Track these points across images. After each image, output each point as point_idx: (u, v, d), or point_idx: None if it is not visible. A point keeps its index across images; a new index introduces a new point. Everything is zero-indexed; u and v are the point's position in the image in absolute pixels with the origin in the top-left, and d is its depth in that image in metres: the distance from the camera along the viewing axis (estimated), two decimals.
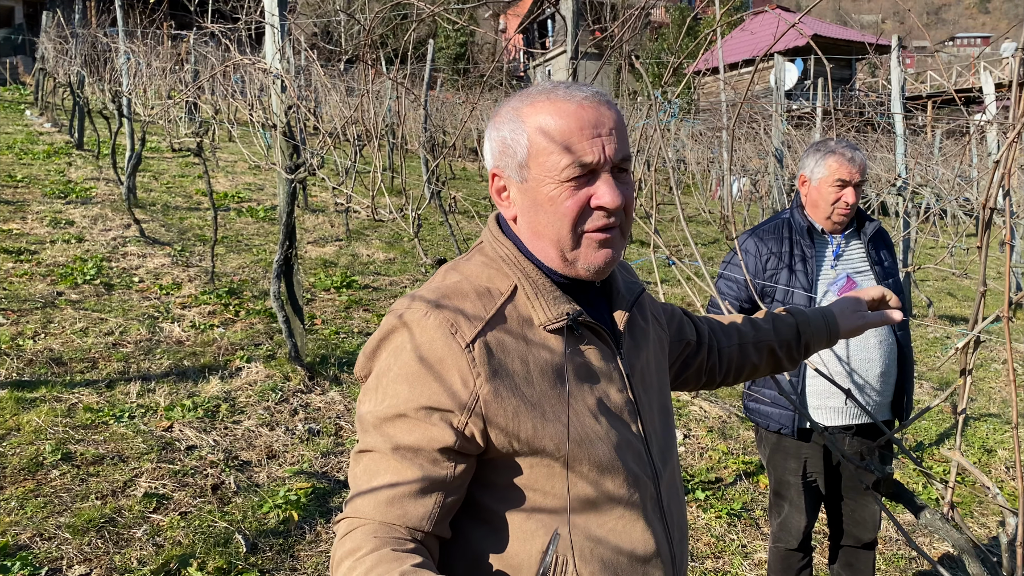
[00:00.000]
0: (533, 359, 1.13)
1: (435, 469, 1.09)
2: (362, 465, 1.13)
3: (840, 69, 30.71)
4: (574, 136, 1.11)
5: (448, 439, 1.08)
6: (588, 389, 1.17)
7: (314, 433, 4.28)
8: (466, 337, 1.09)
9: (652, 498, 1.21)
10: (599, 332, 1.21)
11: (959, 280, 11.25)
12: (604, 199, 1.13)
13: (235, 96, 8.22)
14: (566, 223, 1.14)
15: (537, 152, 1.13)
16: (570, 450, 1.11)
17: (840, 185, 2.61)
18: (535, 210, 1.16)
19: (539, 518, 1.13)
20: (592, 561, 1.14)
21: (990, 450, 4.92)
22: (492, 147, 1.21)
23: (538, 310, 1.16)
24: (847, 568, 2.91)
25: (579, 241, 1.15)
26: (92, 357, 4.82)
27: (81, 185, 9.43)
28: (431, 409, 1.08)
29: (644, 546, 1.18)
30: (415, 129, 13.91)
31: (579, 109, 1.12)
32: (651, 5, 32.94)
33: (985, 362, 6.93)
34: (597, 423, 1.15)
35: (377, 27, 4.53)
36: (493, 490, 1.15)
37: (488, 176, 1.25)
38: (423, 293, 1.16)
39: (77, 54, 10.95)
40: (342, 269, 7.59)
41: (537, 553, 1.12)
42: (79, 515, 3.25)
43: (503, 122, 1.19)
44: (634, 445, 1.20)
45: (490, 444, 1.10)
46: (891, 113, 8.27)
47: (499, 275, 1.19)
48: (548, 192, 1.13)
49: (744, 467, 4.41)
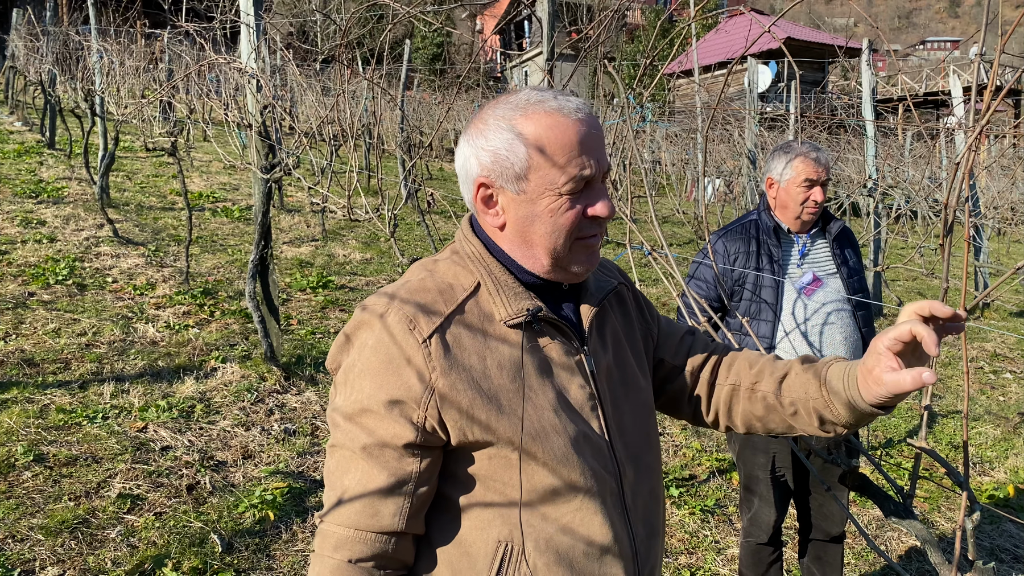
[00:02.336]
0: (491, 354, 1.16)
1: (401, 465, 1.14)
2: (334, 460, 1.19)
3: (813, 72, 31.06)
4: (574, 151, 1.15)
5: (409, 435, 1.12)
6: (547, 384, 1.19)
7: (290, 433, 4.27)
8: (423, 332, 1.13)
9: (613, 493, 1.23)
10: (561, 328, 1.23)
11: (928, 280, 11.43)
12: (600, 211, 1.19)
13: (210, 95, 8.17)
14: (563, 234, 1.18)
15: (538, 166, 1.16)
16: (525, 443, 1.14)
17: (808, 185, 2.67)
18: (531, 221, 1.19)
19: (496, 508, 1.17)
20: (547, 552, 1.17)
21: (957, 446, 5.02)
22: (479, 156, 1.20)
23: (499, 306, 1.19)
24: (816, 561, 2.97)
25: (572, 248, 1.20)
26: (65, 358, 4.78)
27: (53, 185, 9.32)
28: (392, 403, 1.12)
29: (601, 539, 1.20)
30: (392, 129, 13.90)
31: (577, 124, 1.16)
32: (625, 7, 33.09)
33: (953, 360, 7.06)
34: (555, 417, 1.17)
35: (353, 27, 4.54)
36: (453, 480, 1.19)
37: (469, 185, 1.25)
38: (390, 289, 1.21)
39: (48, 52, 10.81)
40: (318, 269, 7.58)
41: (493, 542, 1.16)
42: (52, 516, 3.23)
43: (492, 131, 1.19)
44: (594, 440, 1.22)
45: (449, 437, 1.14)
46: (862, 116, 8.40)
47: (464, 272, 1.23)
48: (548, 204, 1.17)
49: (717, 464, 4.46)
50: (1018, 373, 7.00)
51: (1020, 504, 4.39)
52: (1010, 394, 6.43)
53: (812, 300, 2.69)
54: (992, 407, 6.06)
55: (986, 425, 5.56)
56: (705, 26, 34.14)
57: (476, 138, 1.21)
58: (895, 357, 1.12)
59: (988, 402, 6.18)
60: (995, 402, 6.20)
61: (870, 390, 1.18)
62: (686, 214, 14.13)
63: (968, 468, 1.40)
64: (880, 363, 1.14)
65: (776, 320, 2.68)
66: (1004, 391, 6.51)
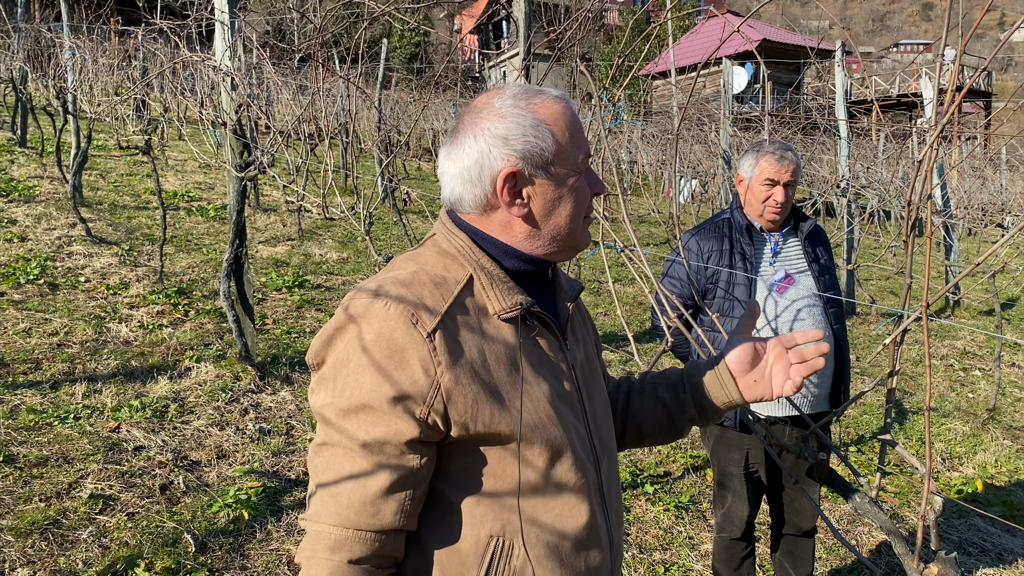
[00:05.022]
0: (489, 347, 1.16)
1: (402, 462, 1.11)
2: (323, 459, 1.14)
3: (788, 73, 31.33)
4: (579, 133, 1.24)
5: (413, 431, 1.10)
6: (541, 376, 1.21)
7: (265, 433, 4.25)
8: (427, 327, 1.11)
9: (594, 483, 1.26)
10: (547, 323, 1.25)
11: (899, 279, 11.59)
12: (600, 187, 1.28)
13: (185, 94, 8.10)
14: (582, 210, 1.25)
15: (562, 148, 1.21)
16: (524, 434, 1.15)
17: (769, 184, 2.70)
18: (558, 203, 1.23)
19: (489, 503, 1.16)
20: (538, 545, 1.17)
21: (927, 442, 5.10)
22: (509, 148, 1.18)
23: (493, 300, 1.19)
24: (788, 556, 3.01)
25: (583, 224, 1.28)
26: (36, 358, 4.73)
27: (24, 183, 9.19)
28: (395, 399, 1.09)
29: (588, 531, 1.22)
30: (369, 128, 13.85)
31: (571, 110, 1.25)
32: (601, 7, 33.19)
33: (924, 357, 7.16)
34: (551, 409, 1.19)
35: (329, 26, 4.53)
36: (446, 476, 1.17)
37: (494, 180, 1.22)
38: (380, 283, 1.17)
39: (20, 49, 10.68)
40: (294, 269, 7.54)
41: (485, 538, 1.15)
42: (22, 517, 3.20)
43: (515, 124, 1.19)
44: (580, 432, 1.25)
45: (450, 431, 1.13)
46: (835, 116, 8.50)
47: (455, 265, 1.21)
48: (572, 183, 1.23)
49: (692, 461, 4.50)
50: (987, 371, 7.11)
51: (988, 499, 4.46)
52: (979, 391, 6.54)
53: (784, 297, 2.73)
54: (961, 404, 6.16)
55: (955, 422, 5.65)
56: (682, 28, 34.36)
57: (494, 131, 1.19)
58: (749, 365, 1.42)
59: (958, 399, 6.28)
60: (964, 399, 6.31)
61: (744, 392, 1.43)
62: (662, 214, 14.22)
63: (931, 457, 1.44)
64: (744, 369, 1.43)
65: None
66: (973, 388, 6.62)
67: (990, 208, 12.97)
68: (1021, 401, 6.31)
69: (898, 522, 4.09)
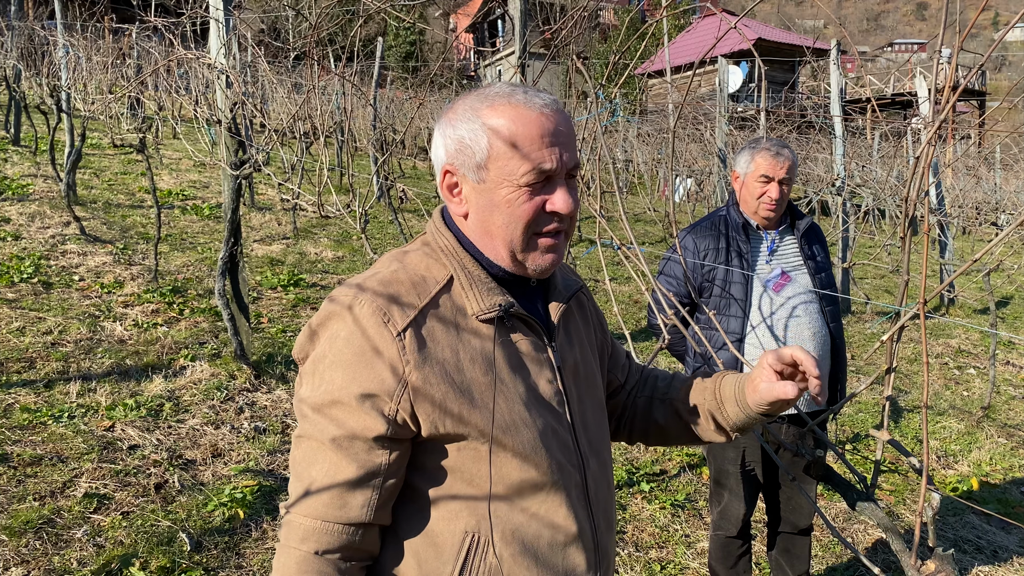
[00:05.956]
0: (464, 347, 1.17)
1: (370, 457, 1.14)
2: (300, 451, 1.18)
3: (784, 72, 31.36)
4: (535, 143, 1.16)
5: (380, 427, 1.12)
6: (518, 378, 1.21)
7: (260, 431, 4.24)
8: (398, 326, 1.13)
9: (577, 485, 1.25)
10: (531, 324, 1.25)
11: (894, 277, 11.60)
12: (559, 205, 1.19)
13: (179, 92, 8.08)
14: (520, 226, 1.18)
15: (497, 156, 1.17)
16: (495, 436, 1.15)
17: (764, 181, 2.70)
18: (490, 210, 1.20)
19: (464, 500, 1.18)
20: (513, 543, 1.18)
21: (922, 440, 5.11)
22: (446, 144, 1.22)
23: (471, 300, 1.20)
24: (784, 554, 3.01)
25: (530, 243, 1.20)
26: (30, 357, 4.71)
27: (17, 182, 9.16)
28: (364, 396, 1.12)
29: (566, 531, 1.22)
30: (364, 127, 13.83)
31: (540, 117, 1.17)
32: (596, 7, 33.19)
33: (920, 355, 7.17)
34: (525, 410, 1.19)
35: (325, 24, 4.52)
36: (422, 472, 1.19)
37: (438, 171, 1.27)
38: (362, 281, 1.20)
39: (13, 47, 10.62)
40: (289, 267, 7.52)
41: (460, 533, 1.17)
42: (16, 516, 3.18)
43: (460, 120, 1.21)
44: (561, 434, 1.24)
45: (420, 429, 1.15)
46: (830, 115, 8.51)
47: (437, 265, 1.23)
48: (505, 195, 1.17)
49: (688, 459, 4.50)
50: (981, 369, 7.13)
51: (983, 496, 4.48)
52: (974, 389, 6.55)
53: (780, 295, 2.73)
54: (956, 402, 6.17)
55: (950, 420, 5.66)
56: (677, 27, 34.37)
57: (445, 127, 1.23)
58: (775, 373, 1.34)
59: (952, 397, 6.30)
60: (959, 397, 6.32)
61: (752, 396, 1.38)
62: (658, 212, 14.22)
63: (928, 454, 1.44)
64: (762, 375, 1.35)
65: (745, 315, 2.72)
66: (968, 386, 6.64)
67: (984, 207, 13.00)
68: (1016, 399, 6.33)
69: (894, 520, 4.10)
